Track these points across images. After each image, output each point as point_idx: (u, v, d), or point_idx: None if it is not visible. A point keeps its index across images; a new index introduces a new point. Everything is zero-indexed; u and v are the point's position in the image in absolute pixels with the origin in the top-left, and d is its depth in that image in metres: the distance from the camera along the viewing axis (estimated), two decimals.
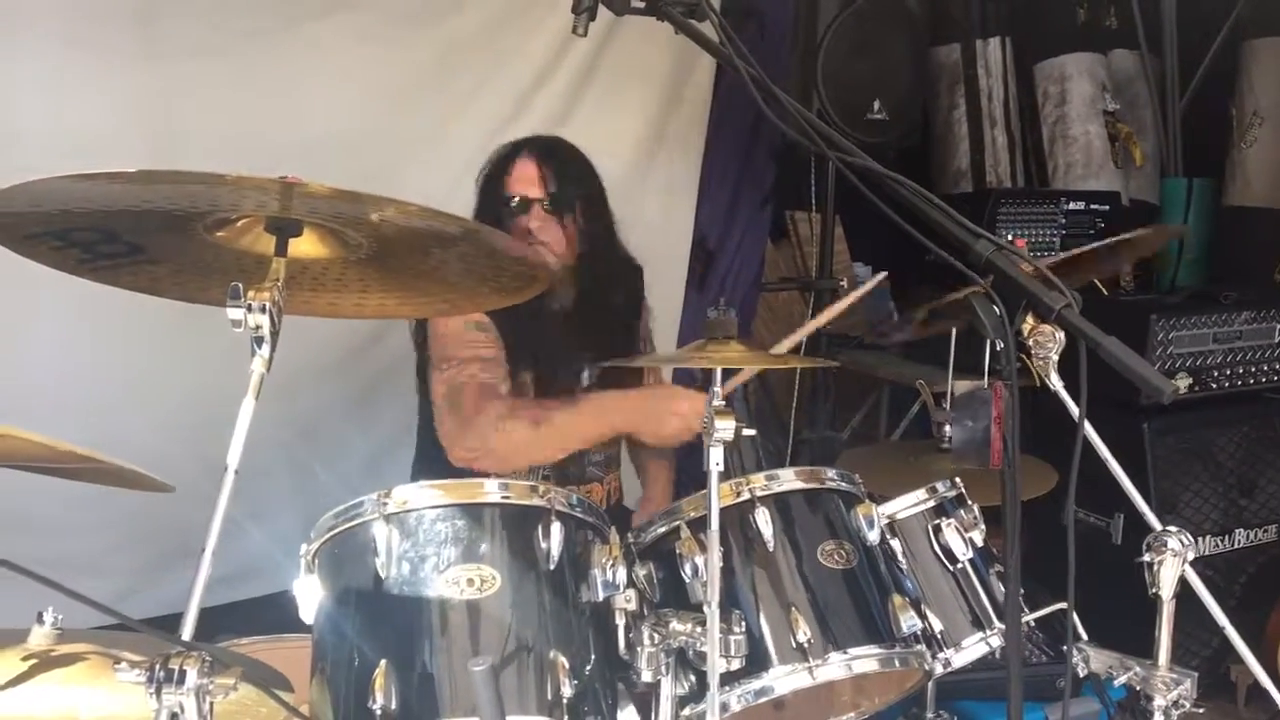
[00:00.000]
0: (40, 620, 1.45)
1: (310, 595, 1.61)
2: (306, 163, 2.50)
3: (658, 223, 3.47)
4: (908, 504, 2.01)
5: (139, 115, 2.58)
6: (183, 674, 1.15)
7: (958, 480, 2.07)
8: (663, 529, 1.80)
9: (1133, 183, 4.40)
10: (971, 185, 4.40)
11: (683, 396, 2.34)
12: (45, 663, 1.42)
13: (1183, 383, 3.28)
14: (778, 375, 4.00)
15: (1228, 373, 3.39)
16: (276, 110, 2.78)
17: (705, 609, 1.55)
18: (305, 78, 2.84)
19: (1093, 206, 3.95)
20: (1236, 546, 3.39)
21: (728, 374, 3.67)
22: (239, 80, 2.73)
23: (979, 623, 1.98)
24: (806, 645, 1.68)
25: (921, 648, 1.82)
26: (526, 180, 2.39)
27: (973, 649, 1.96)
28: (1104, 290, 3.59)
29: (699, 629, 1.56)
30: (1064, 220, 3.90)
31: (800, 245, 4.27)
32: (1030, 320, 1.56)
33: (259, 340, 1.34)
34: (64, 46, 2.50)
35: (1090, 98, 4.33)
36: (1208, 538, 3.34)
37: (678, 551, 1.72)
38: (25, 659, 1.41)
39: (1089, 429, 1.76)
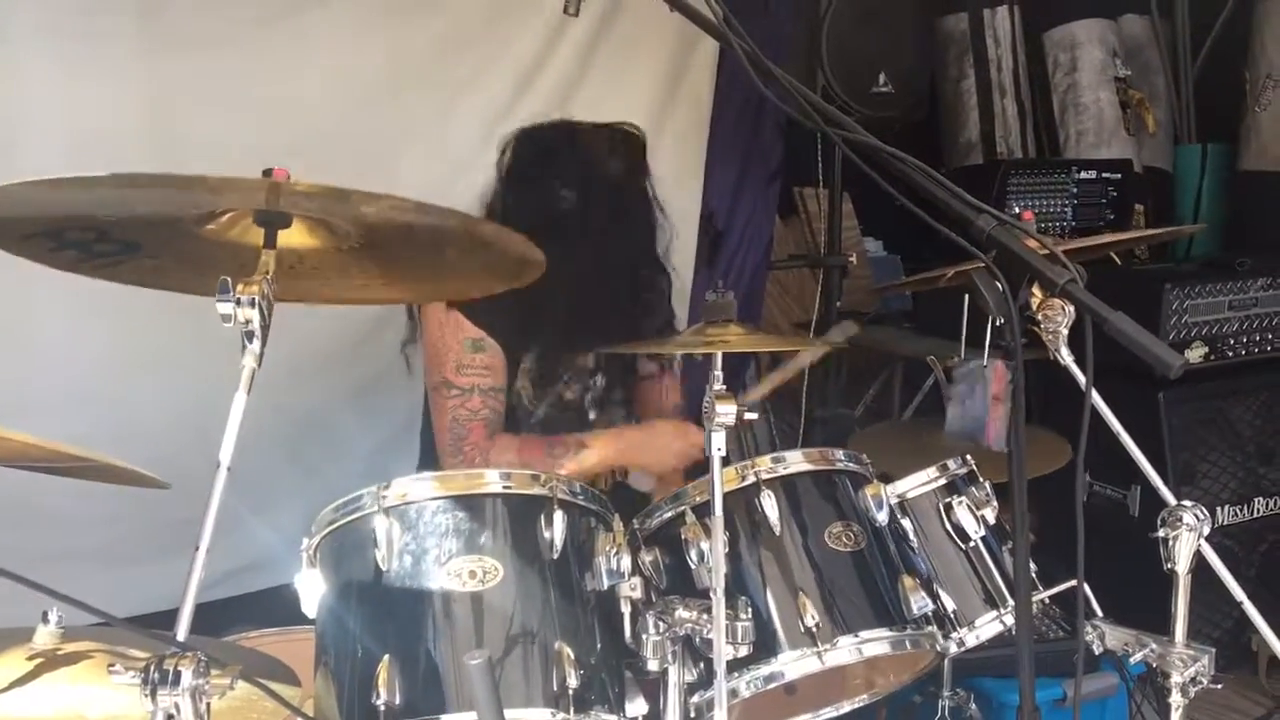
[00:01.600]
0: (45, 619, 1.44)
1: (312, 589, 1.60)
2: (306, 153, 2.49)
3: (663, 200, 3.44)
4: (918, 482, 1.98)
5: (138, 108, 2.56)
6: (177, 675, 1.14)
7: (969, 458, 2.04)
8: (669, 514, 1.78)
9: (1145, 150, 4.35)
10: (982, 156, 4.36)
11: (682, 434, 2.34)
12: (50, 662, 1.41)
13: (1198, 352, 3.24)
14: (789, 355, 3.96)
15: (1244, 340, 3.35)
16: (277, 101, 2.76)
17: (711, 595, 1.53)
18: (305, 67, 2.81)
19: (1105, 175, 3.90)
20: (1256, 515, 3.37)
21: (743, 363, 3.67)
22: (239, 72, 2.70)
23: (992, 601, 1.95)
24: (815, 629, 1.66)
25: (933, 629, 1.79)
26: None
27: (986, 628, 1.93)
28: (1117, 260, 3.55)
29: (705, 616, 1.54)
30: (1076, 190, 3.86)
31: (810, 221, 4.23)
32: (1038, 293, 1.53)
33: (249, 335, 1.32)
34: (62, 39, 2.47)
35: (1101, 64, 4.28)
36: (1226, 507, 3.31)
37: (683, 537, 1.71)
38: (30, 658, 1.41)
39: (1100, 403, 1.74)
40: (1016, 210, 3.70)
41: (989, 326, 1.43)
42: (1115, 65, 4.30)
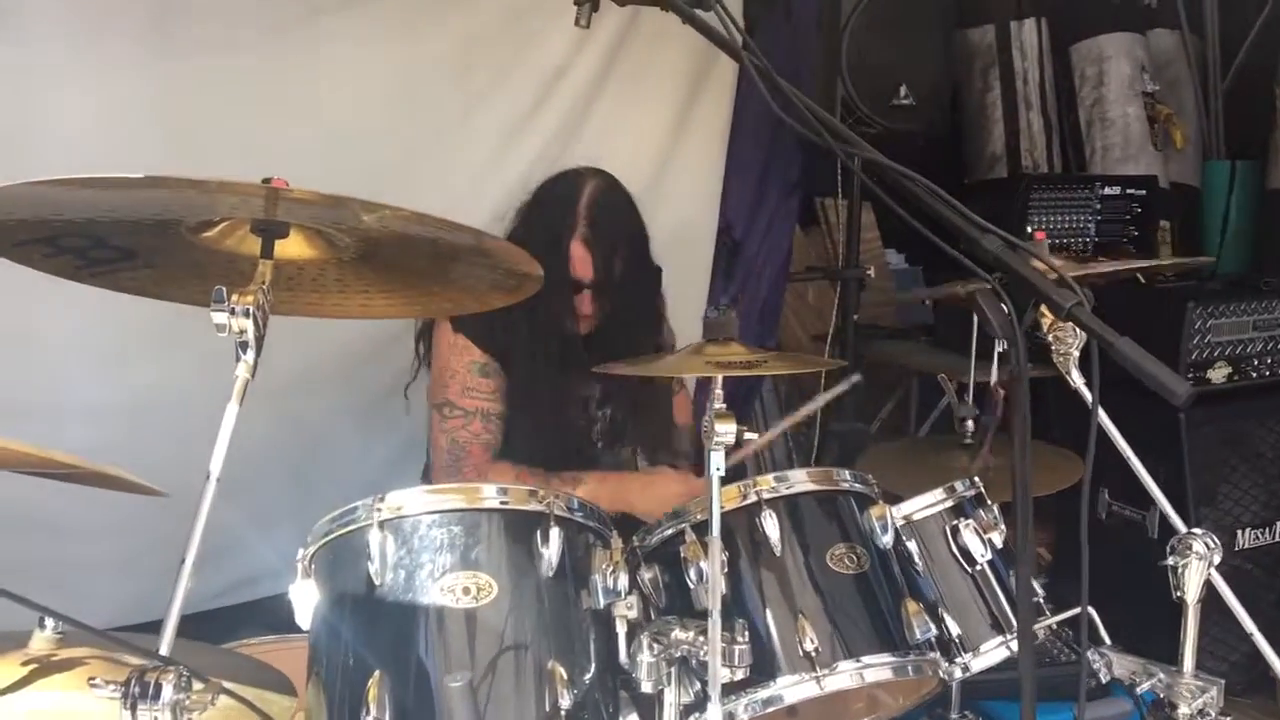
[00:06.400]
0: (41, 625, 1.44)
1: (306, 600, 1.60)
2: (321, 163, 2.48)
3: (681, 212, 3.41)
4: (925, 504, 1.96)
5: (150, 115, 2.54)
6: (158, 688, 1.13)
7: (976, 480, 2.02)
8: (669, 531, 1.77)
9: (1174, 165, 4.30)
10: (1007, 170, 4.31)
11: (683, 481, 2.33)
12: (45, 668, 1.40)
13: (1221, 372, 3.20)
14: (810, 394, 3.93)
15: (1269, 361, 3.30)
16: (292, 108, 2.73)
17: (708, 617, 1.51)
18: (321, 74, 2.78)
19: (1129, 191, 3.85)
20: (1278, 539, 3.30)
21: (758, 380, 3.63)
22: (253, 78, 2.67)
23: (998, 626, 1.93)
24: (814, 653, 1.64)
25: (935, 655, 1.77)
26: (579, 263, 2.37)
27: (992, 653, 1.91)
28: (1141, 279, 3.50)
29: (701, 638, 1.52)
30: (1099, 206, 3.81)
31: (831, 233, 4.20)
32: (1049, 315, 1.50)
33: (243, 345, 1.31)
34: (74, 42, 2.45)
35: (1129, 79, 4.22)
36: (1248, 530, 3.25)
37: (683, 555, 1.70)
38: (25, 664, 1.40)
39: (1110, 425, 1.71)
40: (1030, 228, 3.66)
41: (996, 348, 1.41)
42: (1144, 80, 4.24)
